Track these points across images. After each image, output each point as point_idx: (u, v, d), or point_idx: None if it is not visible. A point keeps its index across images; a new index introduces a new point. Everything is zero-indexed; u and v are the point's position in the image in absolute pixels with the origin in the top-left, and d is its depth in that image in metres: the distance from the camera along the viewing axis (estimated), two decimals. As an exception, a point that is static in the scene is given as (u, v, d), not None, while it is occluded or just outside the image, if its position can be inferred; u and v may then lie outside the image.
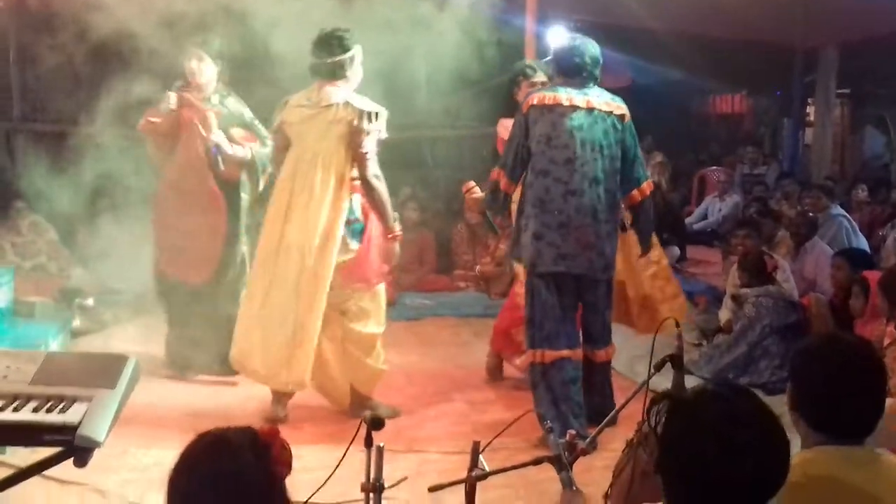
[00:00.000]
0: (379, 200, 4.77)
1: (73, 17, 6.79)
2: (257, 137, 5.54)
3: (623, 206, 4.80)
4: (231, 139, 5.43)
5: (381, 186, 4.75)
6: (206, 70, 5.43)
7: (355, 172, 4.74)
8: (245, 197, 5.59)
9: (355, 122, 4.64)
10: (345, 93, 4.72)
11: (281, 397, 4.81)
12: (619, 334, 6.75)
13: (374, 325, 4.86)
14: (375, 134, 4.69)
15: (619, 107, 4.68)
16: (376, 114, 4.70)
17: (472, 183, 5.23)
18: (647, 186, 4.77)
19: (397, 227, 4.90)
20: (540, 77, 5.26)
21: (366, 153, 4.67)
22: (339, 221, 4.67)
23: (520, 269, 5.07)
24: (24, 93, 8.85)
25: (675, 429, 1.84)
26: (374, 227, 4.84)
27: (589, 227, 4.52)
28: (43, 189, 7.94)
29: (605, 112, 4.62)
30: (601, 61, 4.71)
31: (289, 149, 4.83)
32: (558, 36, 10.14)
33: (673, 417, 1.85)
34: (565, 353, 4.58)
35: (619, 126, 4.64)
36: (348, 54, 4.73)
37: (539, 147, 4.57)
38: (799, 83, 12.68)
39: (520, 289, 5.11)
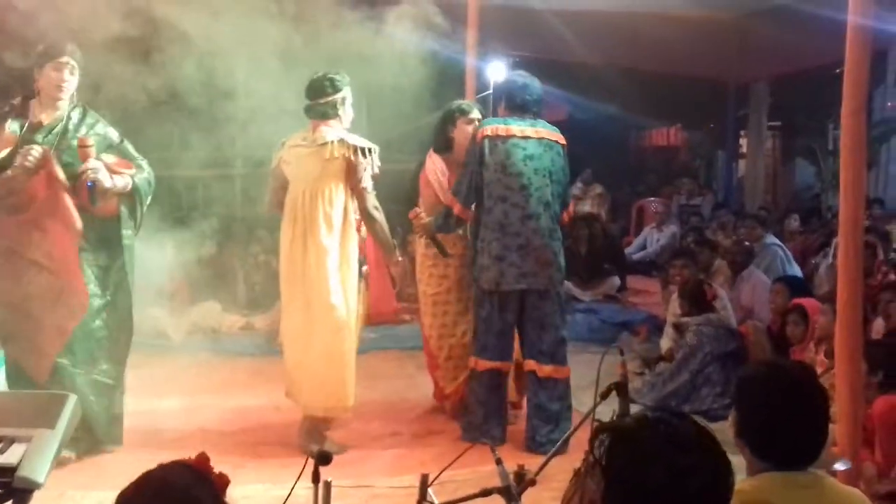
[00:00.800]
0: (380, 231, 5.04)
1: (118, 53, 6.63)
2: (131, 161, 4.83)
3: None
4: (108, 168, 4.66)
5: (380, 218, 5.01)
6: (72, 84, 4.67)
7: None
8: (128, 234, 4.79)
9: (351, 158, 4.86)
10: (338, 131, 4.95)
11: (317, 426, 4.93)
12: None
13: None
14: (370, 168, 4.93)
15: (560, 137, 5.10)
16: (370, 149, 4.94)
17: (419, 209, 5.38)
18: (571, 207, 5.35)
19: (397, 254, 5.29)
20: (475, 114, 5.46)
21: (364, 187, 4.92)
22: (352, 252, 4.93)
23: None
24: None
25: (619, 457, 1.82)
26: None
27: (546, 247, 4.91)
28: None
29: (552, 141, 5.03)
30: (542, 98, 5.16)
31: (286, 188, 5.00)
32: (497, 70, 10.32)
33: (616, 446, 1.84)
34: (497, 364, 5.01)
35: (561, 153, 5.06)
36: (339, 95, 5.01)
37: (495, 175, 4.91)
38: (732, 117, 13.04)
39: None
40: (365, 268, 5.47)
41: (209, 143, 8.76)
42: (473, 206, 5.07)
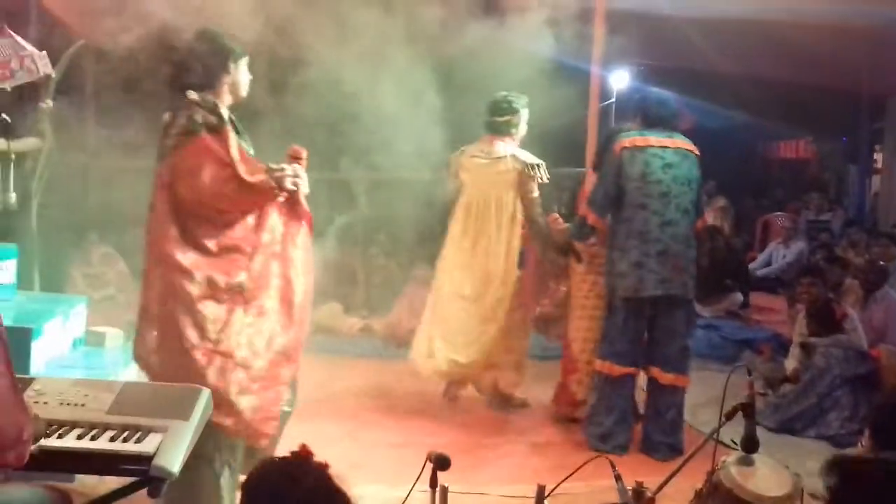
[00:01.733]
0: (540, 234, 5.71)
1: (148, 53, 7.00)
2: None
3: None
4: None
5: (543, 223, 5.71)
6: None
7: None
8: None
9: (523, 172, 5.62)
10: (510, 147, 5.74)
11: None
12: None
13: None
14: (538, 181, 5.67)
15: (694, 148, 5.23)
16: (538, 165, 5.68)
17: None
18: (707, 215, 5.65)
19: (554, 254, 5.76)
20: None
21: (533, 197, 5.67)
22: (515, 251, 5.69)
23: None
24: (100, 126, 9.10)
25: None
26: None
27: (682, 254, 5.04)
28: (113, 221, 8.15)
29: (688, 150, 5.17)
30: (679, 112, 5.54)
31: (460, 190, 5.79)
32: (621, 79, 10.20)
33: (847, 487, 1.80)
34: (630, 370, 5.15)
35: (697, 164, 5.19)
36: (517, 115, 5.79)
37: (635, 184, 5.06)
38: (866, 130, 12.52)
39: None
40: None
41: (331, 147, 8.99)
42: (609, 217, 5.23)
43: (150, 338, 3.64)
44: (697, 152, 5.20)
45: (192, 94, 3.64)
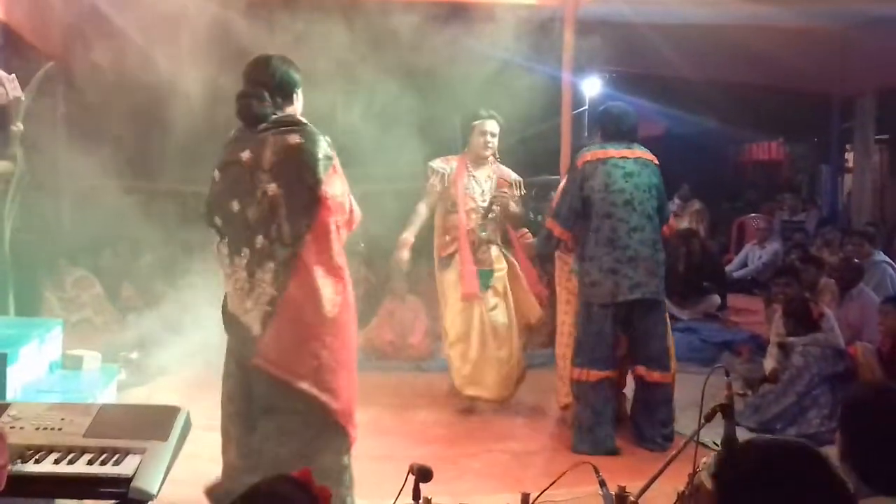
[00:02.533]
0: (527, 247, 6.09)
1: (119, 75, 6.99)
2: None
3: None
4: None
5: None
6: None
7: None
8: None
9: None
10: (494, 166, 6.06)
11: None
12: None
13: None
14: (518, 195, 6.11)
15: (653, 157, 5.40)
16: (518, 182, 6.10)
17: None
18: (672, 221, 5.73)
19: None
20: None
21: (515, 213, 6.08)
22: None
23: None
24: (71, 148, 9.07)
25: (732, 487, 1.79)
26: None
27: (652, 257, 5.20)
28: (87, 244, 8.10)
29: (647, 159, 5.35)
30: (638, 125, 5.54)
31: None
32: (593, 86, 10.28)
33: (730, 477, 1.81)
34: (608, 374, 5.27)
35: (657, 173, 5.36)
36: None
37: (599, 195, 5.23)
38: (836, 130, 12.65)
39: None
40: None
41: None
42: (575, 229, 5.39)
43: None
44: (657, 161, 5.38)
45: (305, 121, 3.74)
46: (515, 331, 6.01)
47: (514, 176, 6.09)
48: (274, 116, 3.70)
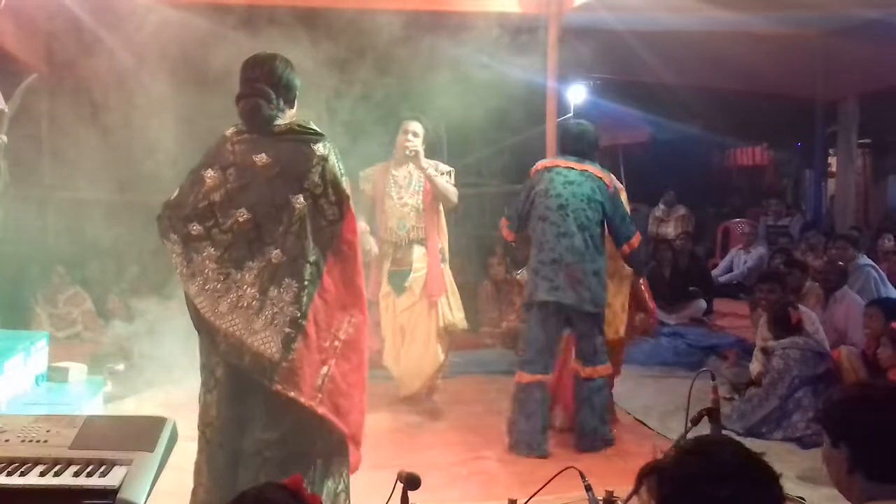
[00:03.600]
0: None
1: (104, 86, 6.98)
2: None
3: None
4: None
5: None
6: None
7: None
8: None
9: None
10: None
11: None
12: (650, 389, 6.75)
13: None
14: None
15: (606, 177, 5.51)
16: (452, 171, 6.20)
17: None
18: (634, 240, 5.53)
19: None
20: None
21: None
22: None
23: None
24: (55, 159, 9.04)
25: (660, 492, 1.89)
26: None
27: (577, 265, 5.29)
28: (72, 257, 8.07)
29: (595, 175, 5.46)
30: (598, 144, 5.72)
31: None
32: (578, 93, 10.31)
33: (659, 482, 1.91)
34: (539, 377, 5.41)
35: (603, 189, 5.44)
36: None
37: (540, 199, 5.45)
38: (820, 135, 12.72)
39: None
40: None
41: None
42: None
43: None
44: (609, 182, 5.47)
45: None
46: (434, 332, 6.11)
47: (443, 167, 6.18)
48: (284, 121, 3.50)
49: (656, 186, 11.87)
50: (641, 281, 5.80)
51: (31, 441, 2.87)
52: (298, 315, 3.34)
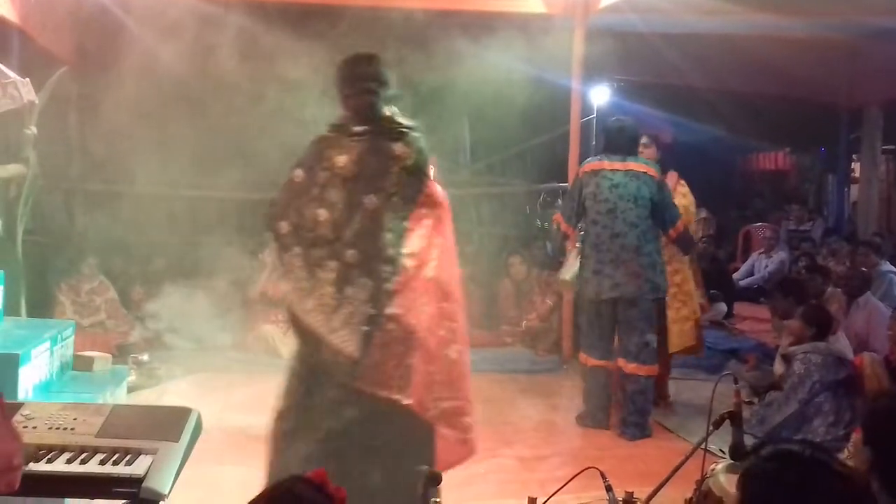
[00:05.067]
0: None
1: (133, 78, 7.05)
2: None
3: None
4: None
5: None
6: None
7: None
8: None
9: None
10: None
11: None
12: (671, 391, 6.73)
13: None
14: None
15: (650, 169, 5.83)
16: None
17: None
18: (680, 224, 5.92)
19: None
20: None
21: None
22: None
23: None
24: (82, 153, 9.12)
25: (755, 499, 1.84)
26: None
27: (633, 261, 5.68)
28: (99, 247, 8.14)
29: (641, 171, 5.78)
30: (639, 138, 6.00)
31: None
32: (601, 94, 10.29)
33: (751, 487, 1.85)
34: (602, 363, 5.83)
35: (649, 182, 5.78)
36: None
37: (589, 202, 5.84)
38: (844, 140, 12.66)
39: None
40: None
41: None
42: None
43: None
44: (653, 173, 5.80)
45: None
46: None
47: None
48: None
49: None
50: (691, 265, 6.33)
51: (58, 428, 2.90)
52: (375, 313, 3.38)
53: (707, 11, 7.69)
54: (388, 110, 3.60)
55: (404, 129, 3.54)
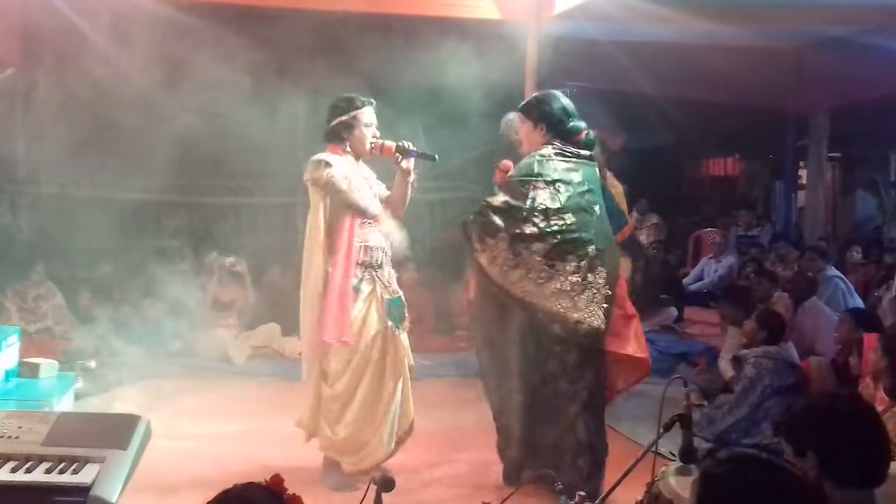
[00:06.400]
0: None
1: (78, 82, 6.93)
2: None
3: None
4: None
5: None
6: None
7: None
8: None
9: None
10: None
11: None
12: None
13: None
14: None
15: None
16: None
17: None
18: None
19: None
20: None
21: None
22: None
23: None
24: (28, 155, 8.96)
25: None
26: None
27: None
28: (46, 252, 7.99)
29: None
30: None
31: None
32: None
33: (709, 491, 1.88)
34: None
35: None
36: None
37: None
38: (791, 147, 12.88)
39: None
40: None
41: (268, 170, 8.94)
42: None
43: None
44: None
45: None
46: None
47: None
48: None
49: (630, 195, 11.92)
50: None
51: (2, 437, 2.85)
52: (610, 293, 4.48)
53: (659, 19, 7.78)
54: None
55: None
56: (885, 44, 8.50)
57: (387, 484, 2.87)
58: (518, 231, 4.40)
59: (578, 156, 4.63)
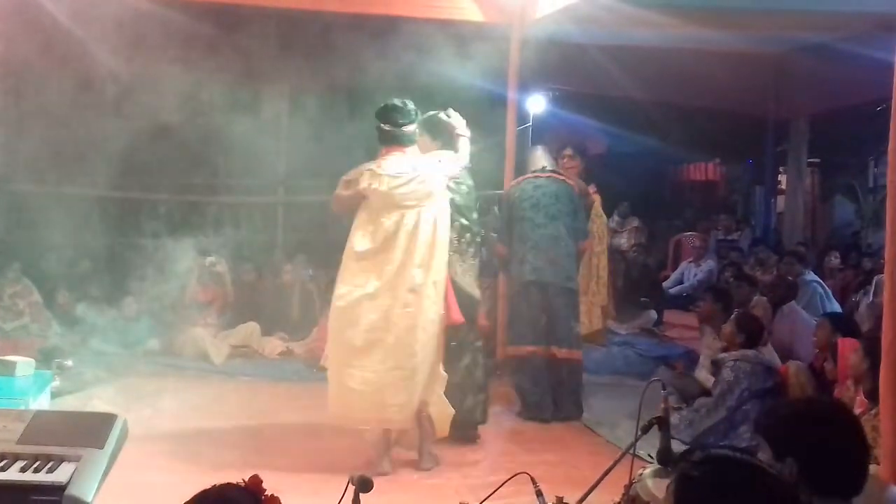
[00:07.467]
0: None
1: (53, 79, 6.88)
2: None
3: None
4: None
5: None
6: None
7: None
8: None
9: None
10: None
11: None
12: (601, 397, 6.83)
13: None
14: None
15: (568, 179, 6.78)
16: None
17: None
18: (585, 245, 6.87)
19: None
20: None
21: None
22: None
23: None
24: (6, 152, 8.87)
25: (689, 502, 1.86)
26: None
27: (551, 248, 6.43)
28: (24, 249, 7.93)
29: (559, 179, 6.69)
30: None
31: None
32: (537, 103, 10.39)
33: (686, 491, 1.88)
34: (531, 349, 6.40)
35: (567, 189, 6.64)
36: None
37: (516, 205, 6.61)
38: (771, 152, 12.97)
39: None
40: None
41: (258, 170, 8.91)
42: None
43: None
44: (572, 182, 6.76)
45: None
46: None
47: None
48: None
49: (611, 198, 11.98)
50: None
51: (-23, 435, 2.83)
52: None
53: (642, 23, 7.81)
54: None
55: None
56: (865, 51, 8.55)
57: (364, 484, 2.86)
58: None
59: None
